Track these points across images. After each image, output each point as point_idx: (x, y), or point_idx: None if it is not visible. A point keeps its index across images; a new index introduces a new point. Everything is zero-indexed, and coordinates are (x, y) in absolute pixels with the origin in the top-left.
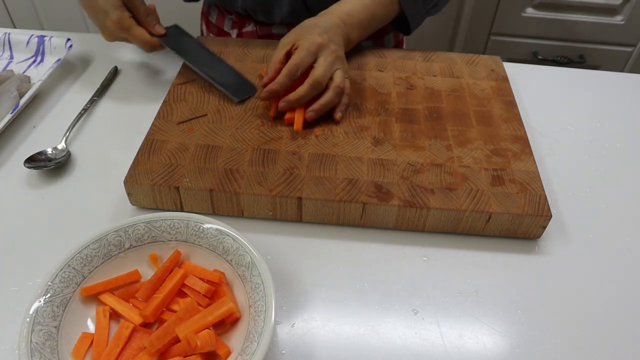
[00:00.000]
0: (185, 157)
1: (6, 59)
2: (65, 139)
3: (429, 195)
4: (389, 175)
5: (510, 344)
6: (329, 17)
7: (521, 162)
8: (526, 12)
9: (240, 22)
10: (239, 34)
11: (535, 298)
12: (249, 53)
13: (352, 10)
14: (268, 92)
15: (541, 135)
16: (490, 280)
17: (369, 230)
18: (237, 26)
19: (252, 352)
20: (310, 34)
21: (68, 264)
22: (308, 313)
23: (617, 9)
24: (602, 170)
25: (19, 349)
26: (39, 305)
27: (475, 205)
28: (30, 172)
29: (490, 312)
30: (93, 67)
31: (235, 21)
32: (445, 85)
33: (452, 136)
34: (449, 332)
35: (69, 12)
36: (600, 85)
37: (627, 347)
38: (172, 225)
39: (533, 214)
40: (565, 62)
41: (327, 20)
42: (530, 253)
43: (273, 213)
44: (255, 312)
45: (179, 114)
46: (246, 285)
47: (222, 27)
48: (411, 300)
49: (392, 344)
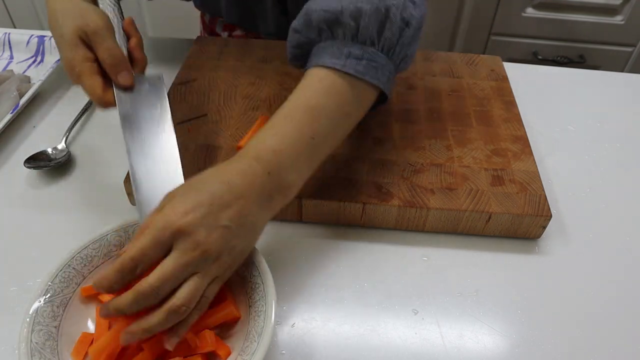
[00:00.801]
0: (185, 158)
1: (6, 59)
2: (65, 139)
3: (429, 195)
4: (389, 175)
5: (510, 344)
6: (241, 168)
7: (521, 162)
8: (526, 12)
9: (230, 26)
10: (229, 37)
11: (535, 298)
12: (249, 53)
13: (279, 145)
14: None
15: (541, 135)
16: (490, 280)
17: (369, 230)
18: (228, 29)
19: (252, 352)
20: (176, 206)
21: (68, 264)
22: (308, 313)
23: (617, 9)
24: (602, 170)
25: (19, 349)
26: (39, 305)
27: (475, 205)
28: (30, 172)
29: (490, 312)
30: None
31: (225, 24)
32: (445, 85)
33: (452, 136)
34: (449, 332)
35: None
36: (600, 85)
37: (627, 347)
38: None
39: (533, 214)
40: (565, 62)
41: (233, 177)
42: (530, 253)
43: None
44: (255, 312)
45: (179, 114)
46: (246, 285)
47: (215, 28)
48: (411, 300)
49: (392, 344)
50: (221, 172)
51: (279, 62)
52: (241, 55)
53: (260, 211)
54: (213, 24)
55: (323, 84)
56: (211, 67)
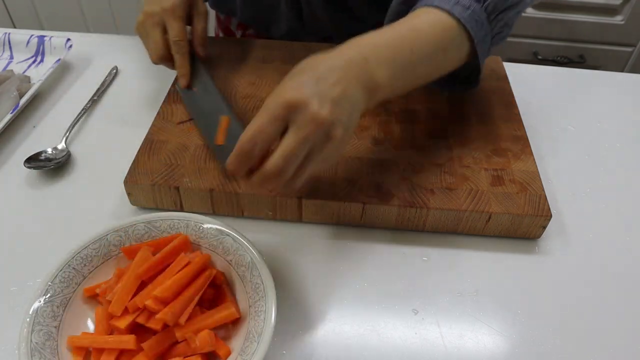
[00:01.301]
0: (185, 157)
1: (6, 59)
2: (65, 139)
3: (429, 195)
4: (389, 175)
5: (510, 344)
6: (341, 52)
7: (521, 162)
8: (526, 12)
9: (244, 25)
10: (242, 35)
11: (535, 298)
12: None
13: (379, 40)
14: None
15: (541, 135)
16: (490, 280)
17: (369, 230)
18: (241, 28)
19: (252, 352)
20: (286, 83)
21: (68, 264)
22: (308, 313)
23: (617, 9)
24: (602, 170)
25: (19, 349)
26: (39, 305)
27: (475, 205)
28: (30, 172)
29: (490, 312)
30: (93, 67)
31: (239, 23)
32: None
33: (452, 136)
34: (449, 332)
35: (69, 12)
36: (600, 85)
37: (627, 347)
38: (172, 225)
39: (533, 214)
40: (565, 62)
41: (333, 58)
42: (530, 253)
43: (273, 213)
44: (255, 312)
45: (179, 114)
46: (246, 285)
47: (229, 25)
48: (411, 300)
49: (392, 344)
50: (322, 57)
51: (279, 62)
52: (241, 55)
53: (359, 95)
54: (228, 22)
55: (429, 16)
56: (211, 67)
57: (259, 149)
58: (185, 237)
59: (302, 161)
